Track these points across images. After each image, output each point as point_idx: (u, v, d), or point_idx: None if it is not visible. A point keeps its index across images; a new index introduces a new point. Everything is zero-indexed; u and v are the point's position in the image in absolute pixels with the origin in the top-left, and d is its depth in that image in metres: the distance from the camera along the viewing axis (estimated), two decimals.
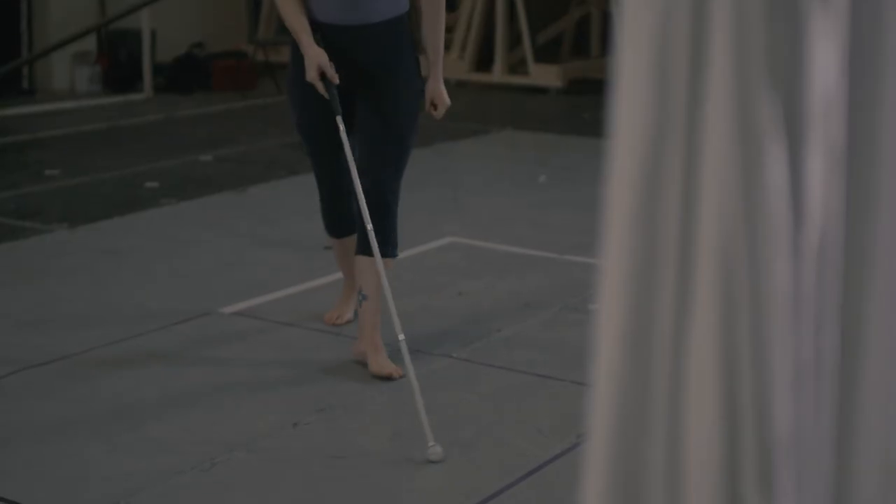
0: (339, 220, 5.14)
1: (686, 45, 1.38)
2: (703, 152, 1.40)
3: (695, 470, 1.46)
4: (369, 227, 4.66)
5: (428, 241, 6.64)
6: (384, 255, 4.76)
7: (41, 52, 11.12)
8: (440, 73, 4.92)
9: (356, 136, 4.86)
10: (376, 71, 4.80)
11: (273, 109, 10.75)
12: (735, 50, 1.36)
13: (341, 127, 4.70)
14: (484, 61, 12.26)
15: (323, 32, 4.75)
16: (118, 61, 11.79)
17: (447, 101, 4.93)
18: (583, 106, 10.90)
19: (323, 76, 4.67)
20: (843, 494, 1.55)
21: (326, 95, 4.68)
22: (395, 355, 4.95)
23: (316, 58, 4.66)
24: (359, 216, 4.76)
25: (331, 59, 4.69)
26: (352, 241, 5.08)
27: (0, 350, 5.10)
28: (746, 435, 1.43)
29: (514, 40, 12.39)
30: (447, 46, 4.80)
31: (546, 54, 12.37)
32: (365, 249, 4.79)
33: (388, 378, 4.79)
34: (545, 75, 12.09)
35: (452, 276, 6.15)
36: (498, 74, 12.27)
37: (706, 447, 1.46)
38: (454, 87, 10.86)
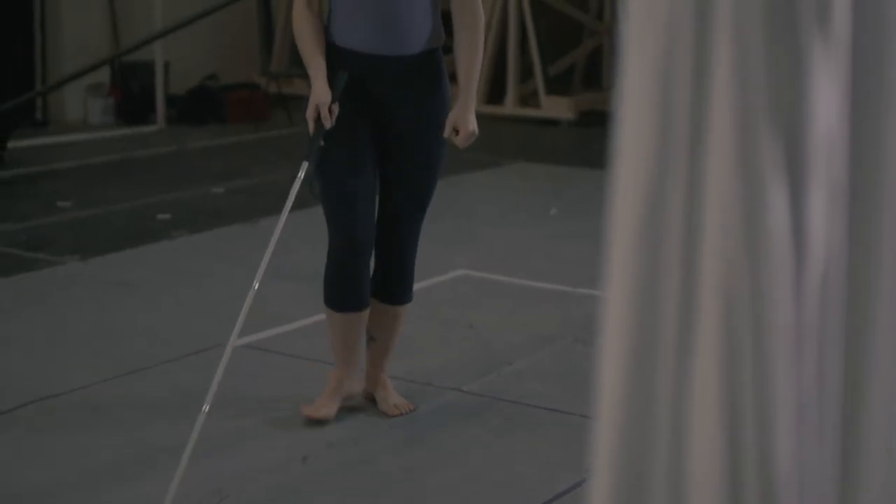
0: (352, 286, 4.58)
1: (688, 84, 1.38)
2: (706, 190, 1.39)
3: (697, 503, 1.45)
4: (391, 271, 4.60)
5: (440, 274, 6.63)
6: (404, 301, 4.74)
7: (55, 83, 11.16)
8: (470, 100, 4.48)
9: (380, 172, 4.57)
10: (407, 106, 4.49)
11: (285, 141, 10.77)
12: (737, 89, 1.36)
13: (301, 174, 4.36)
14: (496, 93, 12.28)
15: (353, 62, 4.43)
16: (131, 93, 11.83)
17: (471, 128, 4.46)
18: (594, 138, 10.90)
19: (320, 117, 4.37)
20: None
21: (311, 136, 4.40)
22: (400, 388, 4.95)
23: (319, 95, 4.36)
24: (377, 261, 4.61)
25: (359, 91, 4.42)
26: (359, 317, 4.61)
27: (11, 381, 5.10)
28: (749, 469, 1.43)
29: (526, 72, 12.41)
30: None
31: (558, 86, 12.39)
32: (383, 294, 4.69)
33: (399, 415, 4.78)
34: (557, 107, 12.10)
35: (463, 308, 6.14)
36: (510, 106, 12.28)
37: (709, 481, 1.45)
38: None
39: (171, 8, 11.51)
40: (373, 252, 4.62)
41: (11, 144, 9.87)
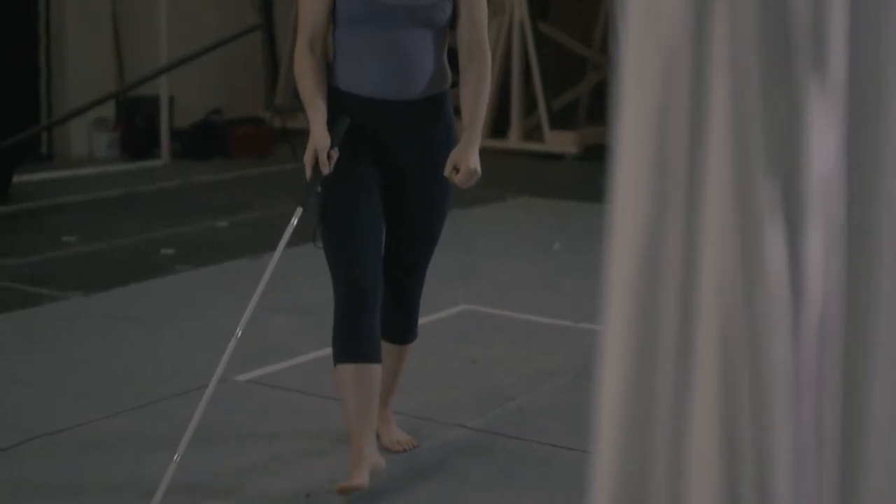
0: (363, 338, 4.32)
1: (685, 128, 1.39)
2: (703, 230, 1.40)
3: None
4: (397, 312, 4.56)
5: (443, 309, 6.63)
6: (409, 340, 4.72)
7: (60, 118, 11.20)
8: (473, 139, 4.30)
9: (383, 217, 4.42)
10: (413, 151, 4.37)
11: (290, 175, 10.80)
12: (733, 133, 1.37)
13: (293, 220, 4.28)
14: (500, 127, 12.31)
15: (357, 106, 4.31)
16: (136, 127, 11.87)
17: (472, 166, 4.27)
18: (599, 172, 10.89)
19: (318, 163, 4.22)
20: None
21: (308, 181, 4.25)
22: (404, 424, 4.95)
23: (318, 141, 4.20)
24: (382, 302, 4.47)
25: (364, 135, 4.30)
26: (373, 372, 4.34)
27: (13, 417, 5.10)
28: None
29: (530, 106, 12.45)
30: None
31: (562, 120, 12.43)
32: (388, 334, 4.63)
33: (402, 451, 4.77)
34: (561, 141, 12.13)
35: (466, 343, 6.14)
36: (514, 140, 12.31)
37: None
38: None
39: (175, 43, 11.56)
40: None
41: (17, 179, 9.90)
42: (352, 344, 4.30)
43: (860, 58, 1.42)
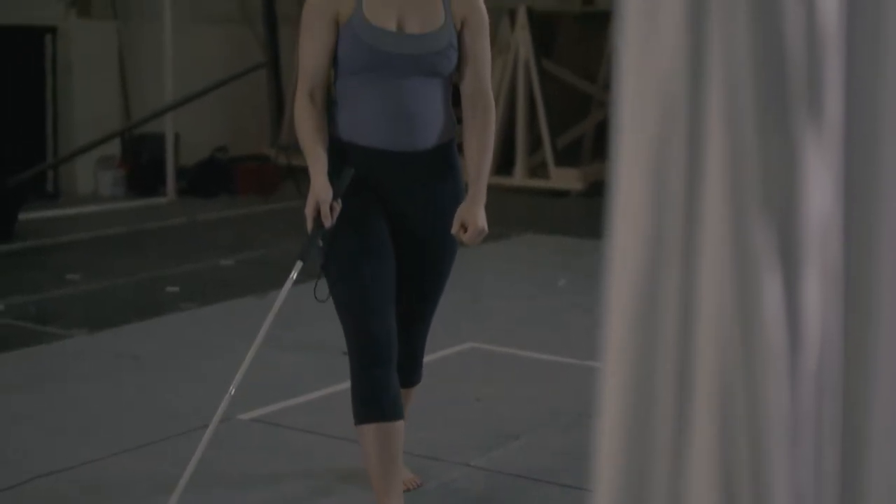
0: (383, 394, 4.17)
1: (682, 171, 1.40)
2: (700, 274, 1.40)
3: None
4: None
5: (447, 347, 6.62)
6: (415, 383, 4.67)
7: (66, 155, 11.24)
8: (480, 194, 4.22)
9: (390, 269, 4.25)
10: (419, 202, 4.25)
11: (295, 213, 10.78)
12: (729, 176, 1.37)
13: (293, 275, 4.21)
14: (504, 164, 12.33)
15: (360, 157, 4.18)
16: (141, 165, 11.90)
17: (481, 225, 4.19)
18: (603, 209, 10.89)
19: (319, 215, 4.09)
20: None
21: (309, 234, 4.12)
22: (407, 462, 4.93)
23: (319, 192, 4.06)
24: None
25: (368, 186, 4.18)
26: (396, 430, 4.20)
27: (18, 456, 5.09)
28: None
29: (535, 143, 12.48)
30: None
31: (566, 157, 12.45)
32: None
33: (406, 490, 4.75)
34: (566, 178, 12.15)
35: (471, 381, 6.13)
36: (518, 177, 12.33)
37: None
38: None
39: (181, 81, 11.61)
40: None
41: (22, 217, 9.92)
42: (372, 404, 4.14)
43: (856, 100, 1.43)
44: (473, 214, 4.18)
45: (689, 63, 1.38)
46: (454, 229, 4.19)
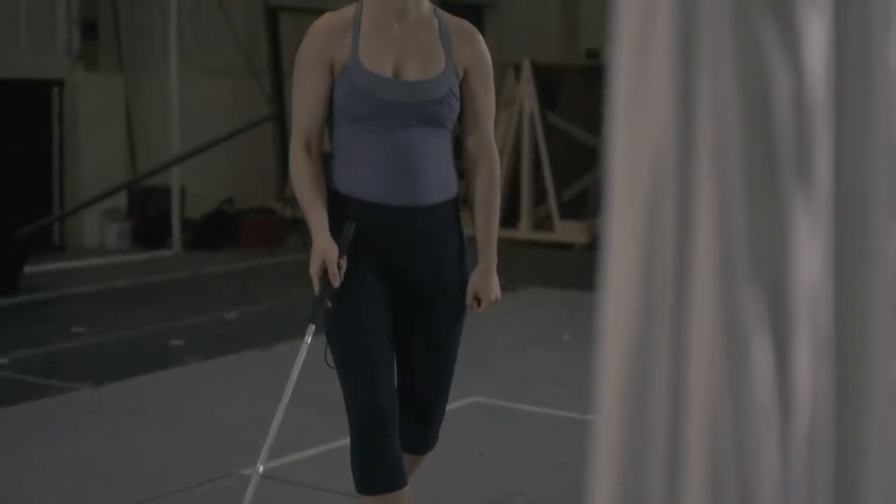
0: (386, 463, 3.94)
1: (671, 240, 1.40)
2: (690, 343, 1.41)
3: None
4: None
5: (452, 401, 6.57)
6: (430, 449, 4.36)
7: (72, 208, 11.28)
8: (491, 263, 4.02)
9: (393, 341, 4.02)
10: (422, 260, 3.97)
11: (301, 265, 10.79)
12: (719, 244, 1.38)
13: (307, 339, 3.94)
14: (509, 217, 12.35)
15: (359, 212, 3.91)
16: (147, 218, 11.94)
17: (495, 294, 4.03)
18: None
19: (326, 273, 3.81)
20: None
21: (317, 294, 3.83)
22: None
23: (325, 250, 3.79)
24: (404, 416, 4.10)
25: (367, 248, 3.91)
26: (400, 499, 3.97)
27: None
28: None
29: (540, 196, 12.51)
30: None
31: (571, 210, 12.48)
32: (408, 446, 4.20)
33: None
34: (570, 231, 12.17)
35: (475, 436, 6.12)
36: (524, 231, 12.36)
37: None
38: None
39: (187, 133, 11.66)
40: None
41: (28, 269, 9.94)
42: (374, 474, 3.92)
43: (845, 167, 1.44)
44: (487, 285, 4.01)
45: (677, 133, 1.39)
46: (468, 301, 4.01)
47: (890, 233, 1.46)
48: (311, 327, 3.88)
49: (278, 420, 4.04)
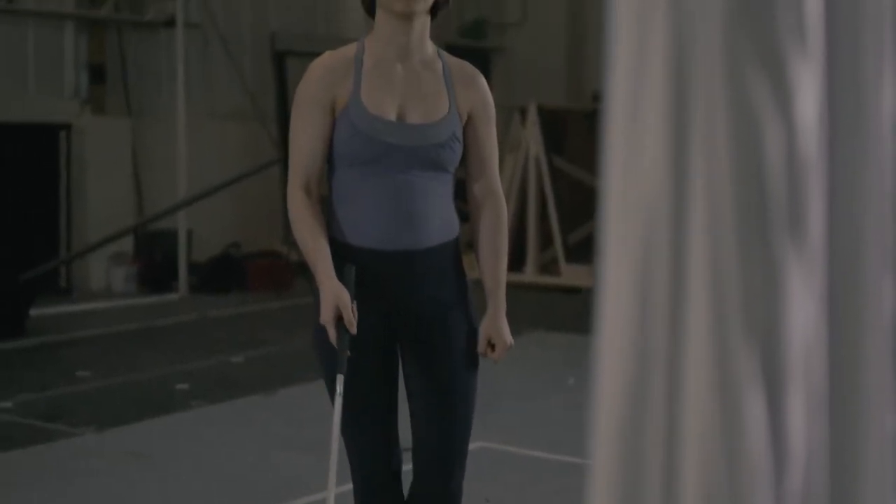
0: None
1: (665, 297, 1.41)
2: (684, 399, 1.41)
3: None
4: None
5: None
6: (447, 494, 3.99)
7: (78, 252, 11.31)
8: (500, 307, 3.88)
9: (397, 391, 3.89)
10: (424, 310, 3.83)
11: (307, 309, 10.79)
12: (712, 300, 1.38)
13: (339, 388, 3.68)
14: (515, 261, 12.36)
15: (359, 257, 3.76)
16: (154, 261, 11.97)
17: (508, 340, 3.86)
18: None
19: (340, 320, 3.63)
20: None
21: (335, 344, 3.65)
22: None
23: (335, 297, 3.62)
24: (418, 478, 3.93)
25: (366, 294, 3.74)
26: None
27: None
28: None
29: (546, 240, 12.51)
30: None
31: (577, 254, 12.48)
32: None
33: None
34: (577, 275, 12.18)
35: (481, 482, 6.09)
36: (529, 274, 12.36)
37: None
38: None
39: (194, 177, 11.70)
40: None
41: (34, 312, 9.95)
42: None
43: (838, 222, 1.44)
44: (499, 331, 3.85)
45: (670, 189, 1.39)
46: (481, 348, 3.85)
47: (883, 287, 1.46)
48: (340, 377, 3.68)
49: (332, 482, 3.81)
